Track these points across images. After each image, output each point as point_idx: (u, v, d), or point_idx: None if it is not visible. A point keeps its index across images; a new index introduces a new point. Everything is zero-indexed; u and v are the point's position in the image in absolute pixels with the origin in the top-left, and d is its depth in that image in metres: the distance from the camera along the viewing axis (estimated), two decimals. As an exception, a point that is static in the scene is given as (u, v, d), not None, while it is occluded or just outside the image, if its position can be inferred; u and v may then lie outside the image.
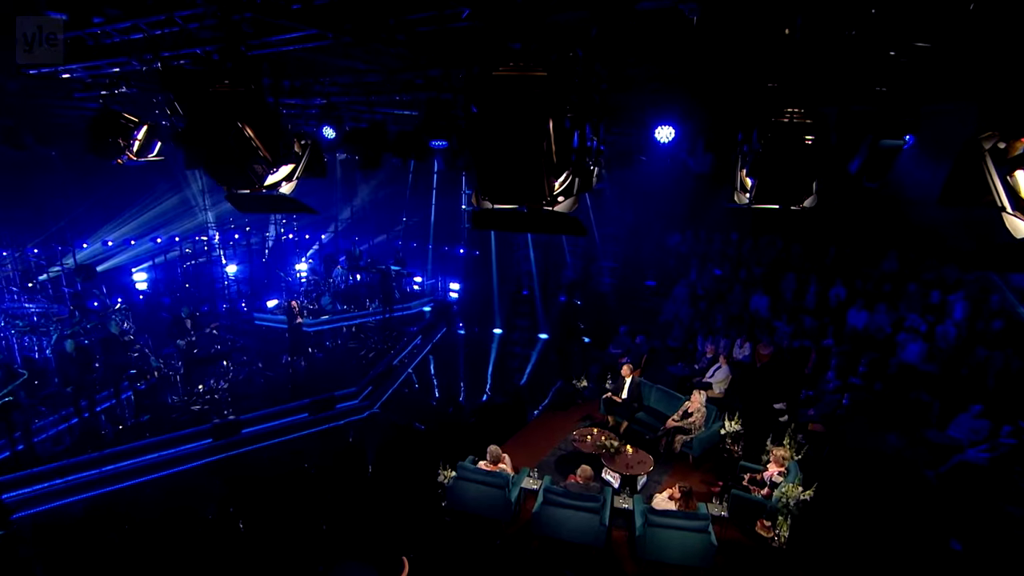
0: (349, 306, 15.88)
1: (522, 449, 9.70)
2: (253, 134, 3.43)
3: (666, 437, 9.62)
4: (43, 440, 9.49)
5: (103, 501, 8.69)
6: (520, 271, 17.90)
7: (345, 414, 11.39)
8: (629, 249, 16.24)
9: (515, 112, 2.69)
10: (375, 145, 7.61)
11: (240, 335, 14.78)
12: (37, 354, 10.89)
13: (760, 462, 8.54)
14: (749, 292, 13.42)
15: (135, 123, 5.99)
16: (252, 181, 3.63)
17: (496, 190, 2.99)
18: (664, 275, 15.51)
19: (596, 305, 16.04)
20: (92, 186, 13.90)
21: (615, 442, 9.11)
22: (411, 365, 14.11)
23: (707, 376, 11.59)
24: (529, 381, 13.16)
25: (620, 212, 16.06)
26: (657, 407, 10.55)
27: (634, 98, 5.60)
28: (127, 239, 16.51)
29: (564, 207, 3.09)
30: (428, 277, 19.01)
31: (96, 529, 7.92)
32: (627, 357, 12.58)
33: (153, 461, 9.49)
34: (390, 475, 9.28)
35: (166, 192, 16.11)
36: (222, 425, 10.21)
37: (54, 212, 13.39)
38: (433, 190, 18.93)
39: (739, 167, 3.86)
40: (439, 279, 19.04)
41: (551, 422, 10.93)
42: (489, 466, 8.24)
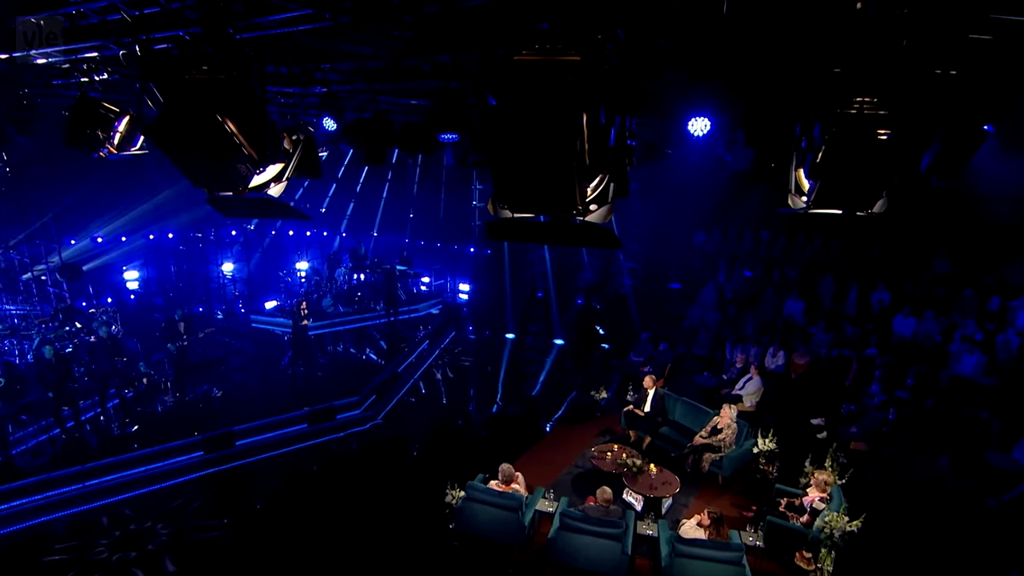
0: (352, 308, 15.75)
1: (536, 466, 9.46)
2: (235, 129, 3.15)
3: (693, 455, 9.30)
4: (22, 452, 9.39)
5: (86, 519, 8.53)
6: (534, 272, 17.60)
7: (346, 425, 11.23)
8: (651, 249, 15.94)
9: (542, 104, 2.37)
10: (379, 138, 7.35)
11: (236, 338, 14.73)
12: (18, 359, 10.78)
13: (798, 485, 8.19)
14: (782, 296, 13.04)
15: (116, 113, 5.78)
16: (235, 182, 3.37)
17: (518, 197, 2.69)
18: (689, 277, 15.24)
19: (616, 309, 15.75)
20: (79, 178, 13.77)
21: (637, 460, 8.79)
22: (417, 372, 13.94)
23: (737, 388, 11.25)
24: (543, 390, 12.97)
25: (642, 209, 15.64)
26: (683, 422, 10.23)
27: (664, 85, 5.27)
28: (118, 235, 16.41)
29: (597, 216, 2.79)
30: (436, 278, 18.91)
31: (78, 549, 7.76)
32: (649, 366, 12.28)
33: (140, 475, 9.34)
34: (393, 493, 9.10)
35: (162, 184, 15.96)
36: (214, 437, 10.06)
37: (37, 207, 13.31)
38: (442, 185, 18.78)
39: (794, 166, 3.52)
40: (448, 280, 19.00)
41: (567, 436, 10.68)
42: (501, 486, 7.97)
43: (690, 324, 13.95)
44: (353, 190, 20.07)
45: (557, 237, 2.83)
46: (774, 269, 13.93)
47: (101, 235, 16.23)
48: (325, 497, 9.05)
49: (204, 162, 3.28)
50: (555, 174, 2.48)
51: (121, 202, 15.77)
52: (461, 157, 7.18)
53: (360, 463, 10.13)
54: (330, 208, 20.29)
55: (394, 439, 10.96)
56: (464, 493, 7.74)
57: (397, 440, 10.92)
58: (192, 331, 11.22)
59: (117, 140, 5.86)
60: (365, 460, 10.22)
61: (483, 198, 17.99)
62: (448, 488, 7.83)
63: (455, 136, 6.36)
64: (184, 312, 11.41)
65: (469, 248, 18.65)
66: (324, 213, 20.18)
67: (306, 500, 8.98)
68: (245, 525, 8.35)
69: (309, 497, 9.06)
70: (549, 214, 2.71)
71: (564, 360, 14.60)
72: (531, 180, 2.57)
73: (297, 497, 9.05)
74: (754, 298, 13.47)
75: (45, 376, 9.37)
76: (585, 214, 2.69)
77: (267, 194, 3.76)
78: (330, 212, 20.36)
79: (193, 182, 3.42)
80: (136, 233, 16.93)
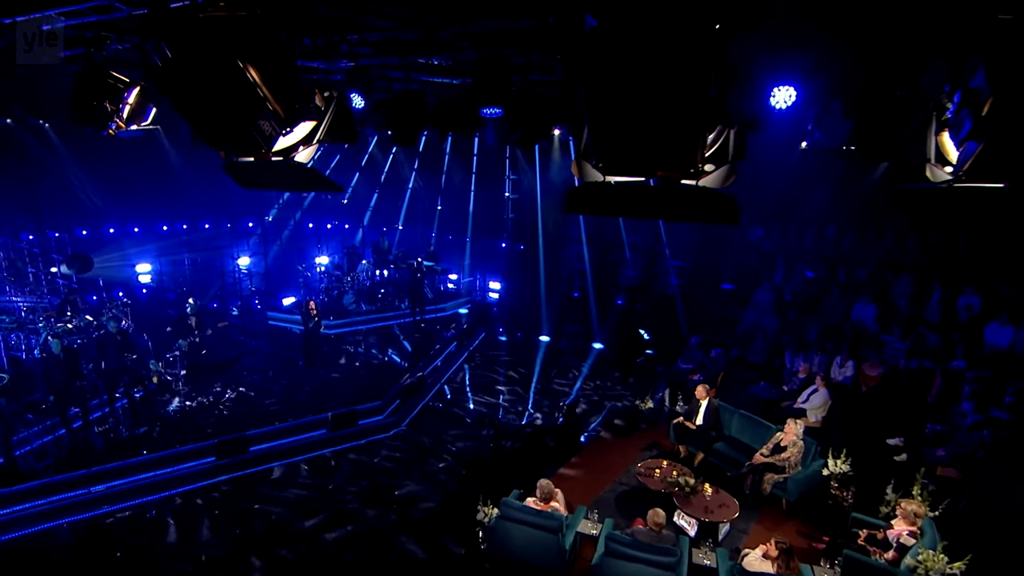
0: (375, 306, 15.51)
1: (575, 482, 9.19)
2: (258, 78, 2.81)
3: (753, 475, 8.84)
4: (26, 453, 9.34)
5: (91, 526, 8.42)
6: (571, 270, 17.67)
7: (368, 432, 11.00)
8: (701, 245, 15.70)
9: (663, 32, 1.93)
10: (411, 117, 7.04)
11: (252, 336, 14.70)
12: (24, 354, 10.80)
13: (877, 514, 7.66)
14: (850, 298, 12.45)
15: (125, 83, 5.57)
16: (257, 144, 3.02)
17: (621, 154, 2.24)
18: (744, 277, 14.91)
19: (661, 311, 15.47)
20: (92, 163, 13.85)
21: (690, 479, 8.38)
22: (444, 376, 13.72)
23: (800, 400, 10.73)
24: (580, 398, 12.60)
25: None
26: (740, 437, 9.86)
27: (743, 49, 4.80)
28: (130, 226, 16.52)
29: (713, 180, 2.36)
30: (465, 275, 18.77)
31: (82, 559, 7.66)
32: (700, 374, 11.91)
33: (148, 481, 9.21)
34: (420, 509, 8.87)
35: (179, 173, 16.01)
36: (227, 441, 9.91)
37: (47, 193, 13.40)
38: (473, 174, 18.58)
39: (934, 129, 3.03)
40: (477, 277, 18.83)
41: (609, 450, 10.37)
42: (539, 504, 7.65)
43: (744, 329, 13.61)
44: (377, 179, 20.01)
45: (662, 207, 2.40)
46: (840, 268, 13.34)
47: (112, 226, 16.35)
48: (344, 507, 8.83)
49: (221, 118, 2.94)
50: (674, 120, 2.05)
51: (134, 190, 15.80)
52: (504, 134, 6.79)
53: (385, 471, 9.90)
54: (352, 199, 20.24)
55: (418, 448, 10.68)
56: (498, 510, 7.43)
57: (421, 449, 10.65)
58: (204, 326, 11.12)
59: (127, 112, 5.66)
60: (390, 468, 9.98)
61: (516, 189, 17.77)
62: (480, 504, 7.58)
63: (499, 110, 6.00)
64: (197, 305, 11.31)
65: (501, 243, 18.52)
66: (346, 204, 20.10)
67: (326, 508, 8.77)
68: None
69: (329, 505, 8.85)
70: (658, 174, 2.29)
71: (603, 366, 14.39)
72: (641, 130, 2.13)
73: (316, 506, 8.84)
74: (817, 301, 12.99)
75: (51, 373, 9.33)
76: (699, 176, 2.26)
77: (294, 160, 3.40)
78: (352, 203, 20.31)
79: (208, 142, 3.10)
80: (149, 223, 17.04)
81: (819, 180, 12.97)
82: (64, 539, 8.10)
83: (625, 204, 2.45)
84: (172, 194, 16.63)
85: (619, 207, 2.48)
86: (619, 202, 2.42)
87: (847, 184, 12.57)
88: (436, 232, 19.41)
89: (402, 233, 19.83)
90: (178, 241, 17.32)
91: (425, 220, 19.60)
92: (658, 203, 2.41)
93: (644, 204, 2.45)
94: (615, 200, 2.40)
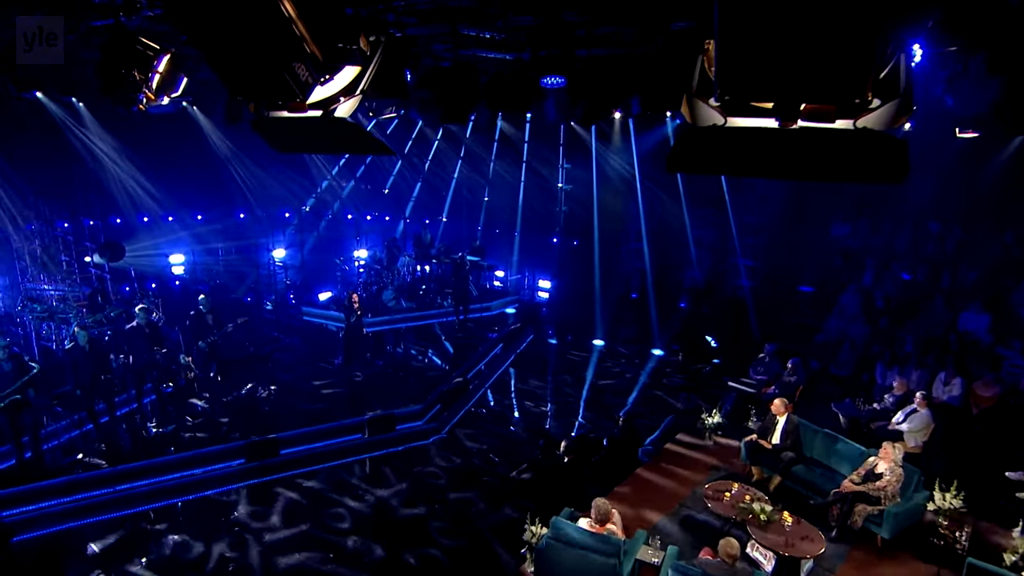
0: (416, 303, 15.61)
1: (633, 503, 8.90)
2: (294, 12, 2.55)
3: (840, 504, 8.30)
4: (53, 448, 9.57)
5: (117, 527, 8.50)
6: (629, 268, 17.50)
7: (407, 438, 10.95)
8: (777, 242, 15.20)
9: None
10: (463, 91, 6.81)
11: (287, 333, 14.87)
12: (55, 345, 11.10)
13: (1000, 562, 7.03)
14: (957, 306, 11.72)
15: (155, 50, 5.52)
16: (291, 91, 2.77)
17: (760, 76, 1.80)
18: (826, 279, 14.44)
19: (729, 315, 15.08)
20: (127, 149, 14.20)
21: (767, 505, 7.91)
22: (489, 380, 13.60)
23: (895, 421, 10.10)
24: (636, 410, 12.35)
25: (766, 191, 14.99)
26: (824, 460, 9.35)
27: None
28: (164, 214, 16.94)
29: (877, 120, 1.96)
30: (512, 272, 18.70)
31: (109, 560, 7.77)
32: (775, 387, 11.43)
33: (175, 483, 9.29)
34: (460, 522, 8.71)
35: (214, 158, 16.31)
36: (258, 443, 9.92)
37: (81, 179, 13.80)
38: (523, 163, 18.39)
39: None
40: (526, 275, 18.79)
41: (671, 468, 10.03)
42: (594, 525, 7.33)
43: (826, 337, 13.15)
44: (421, 168, 20.08)
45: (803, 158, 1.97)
46: (944, 271, 12.59)
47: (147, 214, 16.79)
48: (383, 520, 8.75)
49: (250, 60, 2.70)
50: (847, 19, 1.64)
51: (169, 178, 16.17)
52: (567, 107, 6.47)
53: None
54: (394, 189, 20.40)
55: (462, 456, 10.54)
56: (548, 531, 7.17)
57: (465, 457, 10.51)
58: (222, 324, 11.21)
59: (156, 82, 5.61)
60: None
61: (570, 179, 17.50)
62: (528, 523, 7.45)
63: (561, 80, 5.70)
64: (210, 302, 11.38)
65: (552, 238, 18.33)
66: (387, 194, 20.22)
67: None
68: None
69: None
70: (804, 108, 1.88)
71: (663, 375, 14.14)
72: (797, 35, 1.71)
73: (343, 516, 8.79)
74: (914, 307, 12.40)
75: (79, 365, 9.52)
76: (859, 113, 1.87)
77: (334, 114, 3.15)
78: (394, 193, 20.47)
79: (233, 90, 2.88)
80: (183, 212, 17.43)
81: (921, 165, 12.21)
82: (88, 540, 8.19)
83: (751, 157, 2.04)
84: (207, 182, 17.00)
85: (742, 161, 2.07)
86: (744, 154, 2.02)
87: (958, 170, 11.82)
88: (482, 225, 19.43)
89: (446, 226, 19.84)
90: (212, 231, 17.66)
91: (471, 212, 19.60)
92: (799, 153, 1.99)
93: (778, 155, 2.03)
94: (739, 151, 2.00)
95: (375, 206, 20.59)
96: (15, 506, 8.38)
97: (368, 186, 20.38)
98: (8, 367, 8.65)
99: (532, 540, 7.36)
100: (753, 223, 15.46)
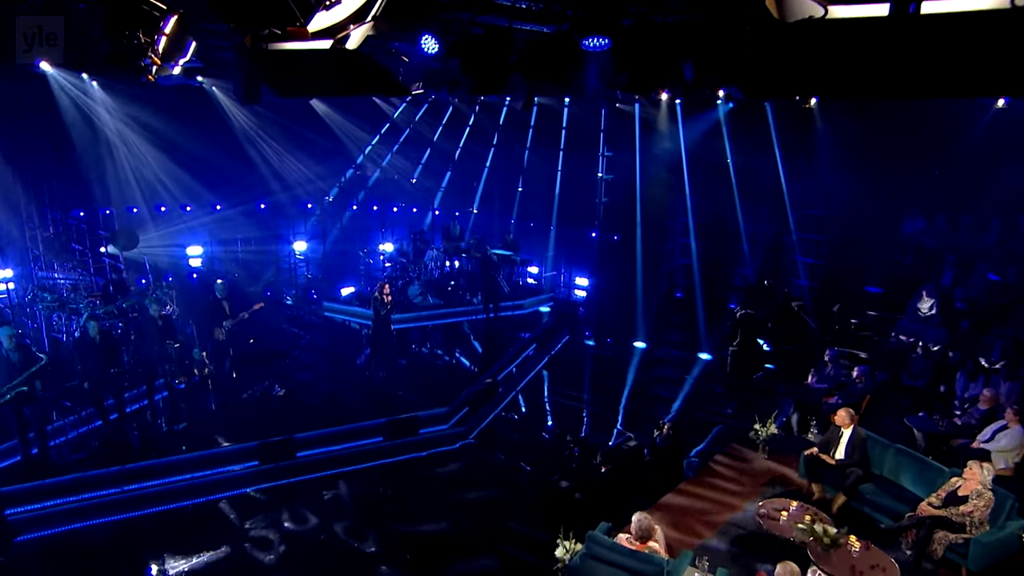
0: (443, 300, 15.70)
1: (678, 519, 8.71)
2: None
3: (917, 530, 7.91)
4: (60, 444, 9.71)
5: (123, 529, 8.65)
6: (673, 265, 17.49)
7: (431, 443, 10.99)
8: (841, 237, 15.03)
9: None
10: (495, 59, 6.63)
11: (307, 329, 15.14)
12: (65, 337, 11.33)
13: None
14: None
15: (162, 10, 5.44)
16: (291, 12, 2.57)
17: None
18: (897, 279, 14.12)
19: (787, 318, 14.78)
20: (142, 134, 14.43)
21: (830, 527, 7.62)
22: (520, 384, 13.66)
23: (981, 439, 9.67)
24: (681, 418, 12.19)
25: (829, 180, 14.76)
26: (896, 479, 8.98)
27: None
28: (183, 204, 17.21)
29: None
30: (547, 268, 18.69)
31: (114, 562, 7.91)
32: (838, 396, 11.10)
33: (185, 484, 9.42)
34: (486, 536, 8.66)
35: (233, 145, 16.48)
36: (272, 444, 10.01)
37: (97, 165, 14.05)
38: (560, 151, 18.38)
39: None
40: (562, 271, 18.77)
41: (720, 483, 9.81)
42: (634, 543, 7.12)
43: (897, 343, 12.81)
44: (451, 156, 20.14)
45: (929, 59, 1.66)
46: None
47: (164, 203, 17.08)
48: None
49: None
50: None
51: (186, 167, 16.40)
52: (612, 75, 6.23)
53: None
54: (421, 178, 20.46)
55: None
56: (583, 547, 7.08)
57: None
58: (237, 311, 11.30)
59: (163, 45, 5.53)
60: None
61: (612, 168, 17.34)
62: (559, 538, 7.34)
63: (607, 42, 5.47)
64: (226, 288, 11.46)
65: (591, 232, 18.23)
66: (415, 184, 20.30)
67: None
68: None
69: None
70: None
71: (710, 381, 14.04)
72: None
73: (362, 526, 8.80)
74: (1003, 311, 11.99)
75: (88, 357, 9.65)
76: None
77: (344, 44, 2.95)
78: (422, 183, 20.56)
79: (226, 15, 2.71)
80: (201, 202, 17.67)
81: (1013, 152, 11.69)
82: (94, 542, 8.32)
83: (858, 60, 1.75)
84: (226, 170, 17.22)
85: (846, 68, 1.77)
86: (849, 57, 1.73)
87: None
88: (516, 218, 19.38)
89: (477, 218, 19.88)
90: (231, 222, 17.89)
91: (504, 204, 19.60)
92: (924, 50, 1.69)
93: (897, 56, 1.73)
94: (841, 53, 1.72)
95: (402, 196, 20.67)
96: (19, 504, 8.51)
97: (395, 176, 20.47)
98: (15, 358, 8.78)
99: (565, 557, 7.26)
100: (815, 216, 15.16)
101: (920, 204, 14.35)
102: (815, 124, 14.05)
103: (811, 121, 14.05)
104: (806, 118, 14.06)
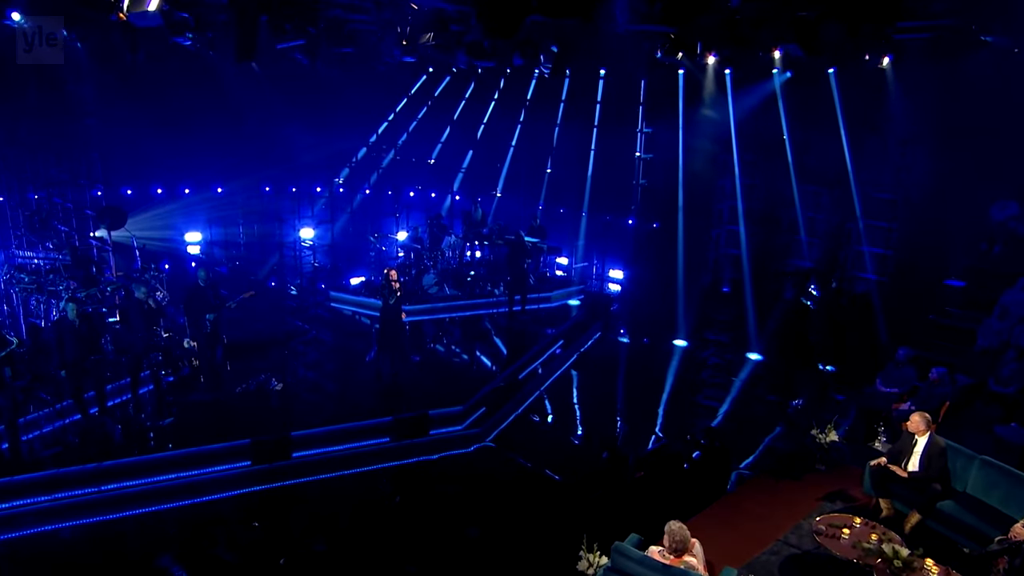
0: (462, 291, 15.80)
1: (720, 534, 8.49)
2: None
3: (1010, 557, 7.54)
4: (33, 439, 9.74)
5: (101, 532, 8.68)
6: (718, 255, 17.46)
7: (442, 445, 11.01)
8: (916, 225, 14.62)
9: None
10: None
11: (312, 322, 15.34)
12: (43, 322, 11.50)
13: None
14: None
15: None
16: None
17: None
18: (981, 271, 13.80)
19: (851, 314, 14.78)
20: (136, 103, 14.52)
21: (901, 548, 7.32)
22: (545, 383, 13.65)
23: (1081, 453, 9.24)
24: (727, 424, 12.31)
25: (903, 162, 14.41)
26: (983, 497, 8.66)
27: None
28: (181, 186, 17.40)
29: None
30: (578, 258, 18.77)
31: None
32: (911, 401, 10.80)
33: (169, 484, 9.44)
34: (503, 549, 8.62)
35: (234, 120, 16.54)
36: (266, 443, 9.99)
37: (84, 138, 14.21)
38: (594, 128, 18.29)
39: None
40: (594, 262, 18.91)
41: (770, 495, 9.66)
42: (668, 556, 6.98)
43: (984, 344, 12.53)
44: (473, 135, 20.22)
45: None
46: None
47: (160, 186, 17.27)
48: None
49: None
50: None
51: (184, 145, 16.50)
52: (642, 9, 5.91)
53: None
54: (441, 159, 20.58)
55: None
56: (608, 561, 7.07)
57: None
58: (223, 301, 11.27)
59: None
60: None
61: (651, 146, 17.18)
62: (583, 550, 7.29)
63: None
64: (209, 276, 11.49)
65: (627, 219, 18.09)
66: (433, 164, 20.43)
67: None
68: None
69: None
70: None
71: (761, 383, 14.05)
72: None
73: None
74: None
75: (65, 341, 9.67)
76: None
77: None
78: (440, 163, 20.66)
79: None
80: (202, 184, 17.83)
81: None
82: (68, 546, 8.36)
83: None
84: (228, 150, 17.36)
85: None
86: None
87: None
88: (543, 203, 19.35)
89: (501, 202, 19.97)
90: (233, 205, 18.08)
91: (530, 187, 19.57)
92: None
93: None
94: None
95: (419, 179, 20.79)
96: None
97: (412, 159, 20.59)
98: (-17, 342, 8.82)
99: (588, 571, 7.24)
100: (885, 200, 14.84)
101: (1013, 186, 13.93)
102: (887, 90, 13.67)
103: (883, 86, 13.66)
104: (878, 82, 13.67)
